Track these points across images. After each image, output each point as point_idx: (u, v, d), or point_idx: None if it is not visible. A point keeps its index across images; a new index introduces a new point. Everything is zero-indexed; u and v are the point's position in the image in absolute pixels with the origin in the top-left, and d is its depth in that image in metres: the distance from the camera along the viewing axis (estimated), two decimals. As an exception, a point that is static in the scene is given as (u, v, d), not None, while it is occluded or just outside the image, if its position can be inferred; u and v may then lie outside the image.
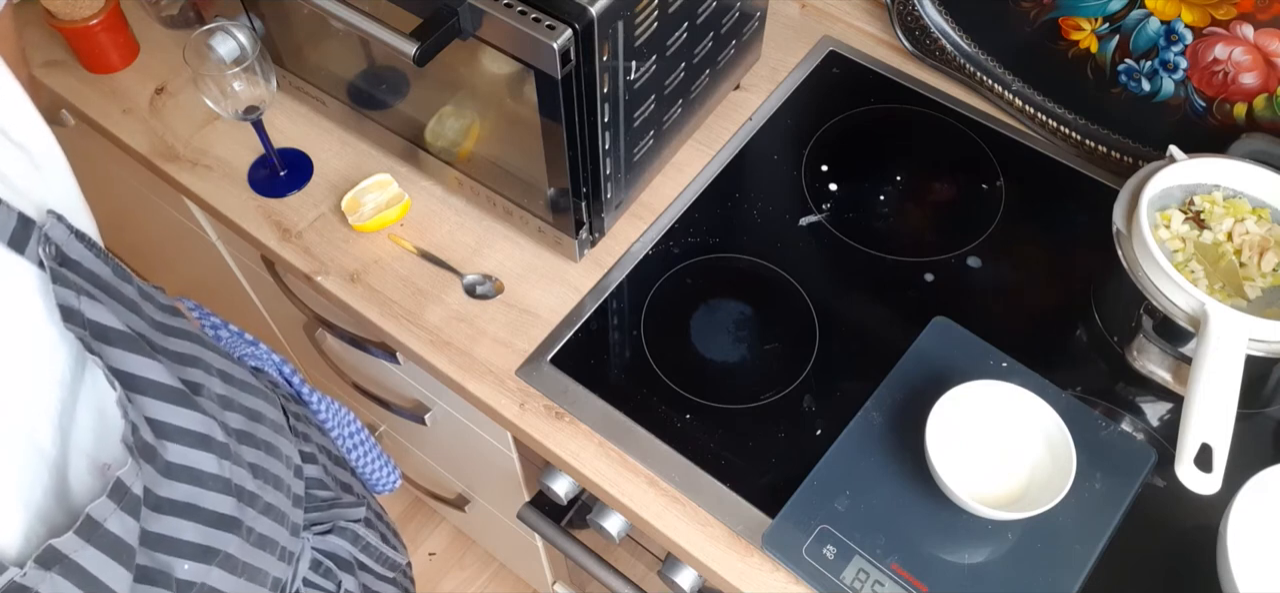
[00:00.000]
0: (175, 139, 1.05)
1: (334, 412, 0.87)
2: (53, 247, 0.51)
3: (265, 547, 0.62)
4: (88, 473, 0.54)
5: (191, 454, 0.56)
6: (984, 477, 0.78)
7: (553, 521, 0.98)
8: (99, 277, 0.54)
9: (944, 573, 0.75)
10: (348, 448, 0.89)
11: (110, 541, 0.50)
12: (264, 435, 0.66)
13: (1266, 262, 0.81)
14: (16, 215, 0.49)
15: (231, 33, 0.90)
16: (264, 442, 0.65)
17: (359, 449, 0.90)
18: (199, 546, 0.55)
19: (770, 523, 0.79)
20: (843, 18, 1.16)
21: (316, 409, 0.85)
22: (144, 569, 0.52)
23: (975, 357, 0.86)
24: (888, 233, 0.97)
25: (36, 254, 0.50)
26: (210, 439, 0.57)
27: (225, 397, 0.63)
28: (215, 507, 0.57)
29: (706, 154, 1.03)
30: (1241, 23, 0.86)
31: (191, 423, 0.56)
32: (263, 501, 0.62)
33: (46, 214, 0.52)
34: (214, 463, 0.57)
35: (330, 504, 0.78)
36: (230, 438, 0.59)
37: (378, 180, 0.98)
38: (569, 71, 0.75)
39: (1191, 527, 0.79)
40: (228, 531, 0.58)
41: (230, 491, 0.58)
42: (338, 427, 0.87)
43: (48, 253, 0.51)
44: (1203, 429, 0.72)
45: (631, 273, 0.95)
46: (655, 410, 0.86)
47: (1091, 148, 1.01)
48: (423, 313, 0.92)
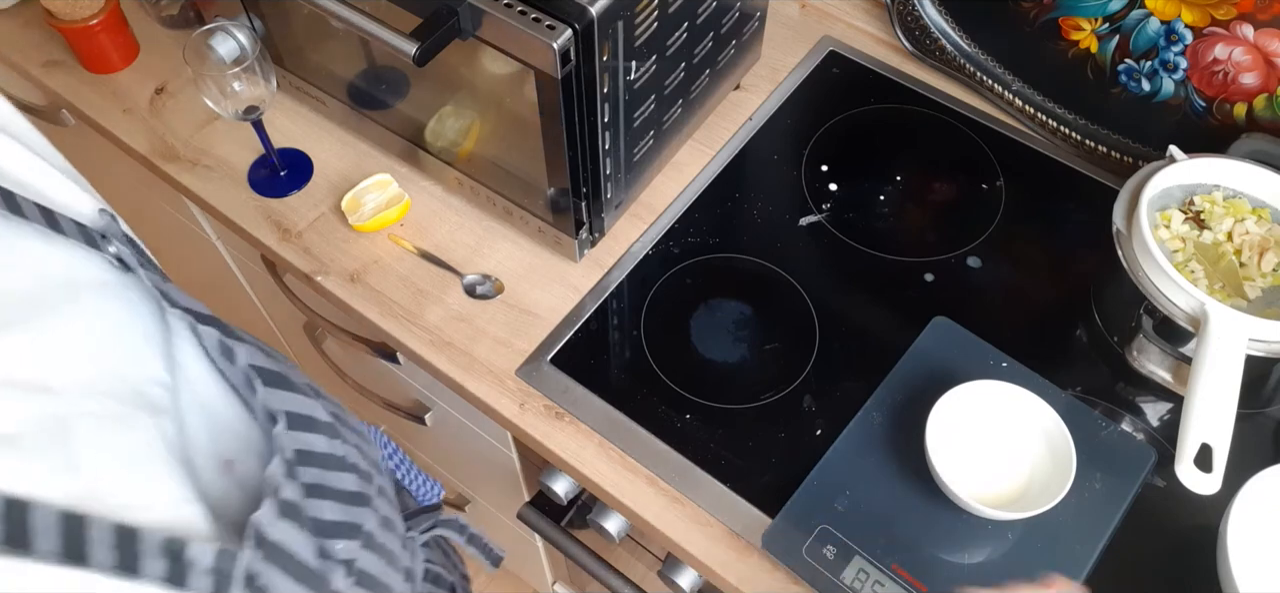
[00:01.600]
0: (175, 139, 1.05)
1: (370, 431, 0.86)
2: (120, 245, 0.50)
3: (392, 529, 0.61)
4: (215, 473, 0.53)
5: (306, 437, 0.54)
6: (984, 477, 0.78)
7: (553, 521, 0.98)
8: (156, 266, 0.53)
9: (944, 573, 0.75)
10: (393, 466, 0.88)
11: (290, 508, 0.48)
12: (353, 423, 0.65)
13: (1266, 262, 0.81)
14: (73, 223, 0.48)
15: (231, 33, 0.90)
16: (356, 428, 0.65)
17: (402, 467, 0.89)
18: (342, 523, 0.53)
19: (770, 523, 0.79)
20: (843, 18, 1.16)
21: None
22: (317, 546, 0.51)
23: (975, 357, 0.86)
24: (888, 233, 0.97)
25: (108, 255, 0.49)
26: (314, 420, 0.56)
27: (309, 384, 0.62)
28: (343, 485, 0.55)
29: (706, 154, 1.03)
30: (1241, 23, 0.86)
31: (296, 405, 0.54)
32: (376, 481, 0.61)
33: (99, 213, 0.51)
34: (326, 443, 0.56)
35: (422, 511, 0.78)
36: (333, 419, 0.58)
37: (378, 180, 0.98)
38: (569, 71, 0.75)
39: (1191, 527, 0.79)
40: (361, 506, 0.56)
41: (347, 467, 0.57)
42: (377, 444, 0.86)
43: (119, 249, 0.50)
44: (1203, 429, 0.72)
45: (631, 273, 0.95)
46: (655, 410, 0.86)
47: (1091, 148, 1.01)
48: (423, 313, 0.92)
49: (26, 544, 0.35)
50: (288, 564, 0.46)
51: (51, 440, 0.39)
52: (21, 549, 0.34)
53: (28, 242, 0.46)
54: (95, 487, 0.40)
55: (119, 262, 0.50)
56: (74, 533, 0.36)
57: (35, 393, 0.40)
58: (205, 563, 0.41)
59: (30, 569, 0.35)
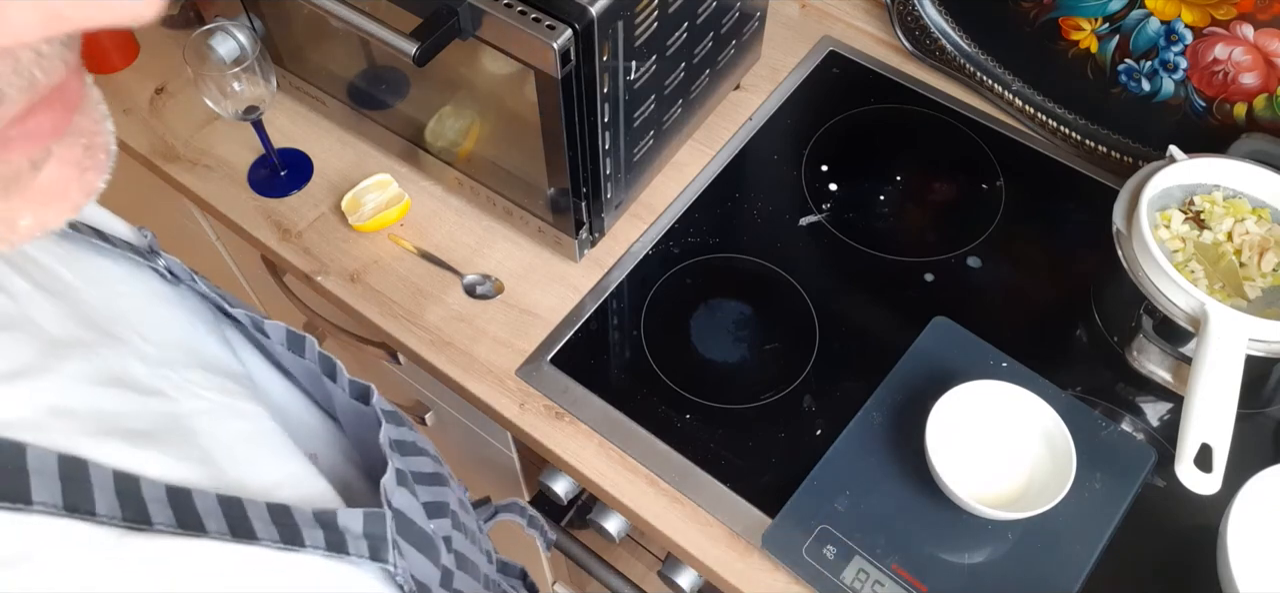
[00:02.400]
0: (175, 139, 1.05)
1: None
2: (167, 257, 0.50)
3: (468, 511, 0.62)
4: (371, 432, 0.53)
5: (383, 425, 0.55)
6: (984, 477, 0.78)
7: (553, 521, 0.98)
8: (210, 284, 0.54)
9: (944, 573, 0.75)
10: None
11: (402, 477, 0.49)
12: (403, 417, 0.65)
13: (1266, 262, 0.81)
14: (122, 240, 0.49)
15: (231, 33, 0.90)
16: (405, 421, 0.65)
17: None
18: (431, 502, 0.54)
19: (770, 523, 0.79)
20: (843, 18, 1.16)
21: None
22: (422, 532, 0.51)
23: (975, 357, 0.86)
24: (888, 233, 0.97)
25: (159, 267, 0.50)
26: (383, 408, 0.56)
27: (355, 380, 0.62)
28: (419, 467, 0.56)
29: (706, 154, 1.03)
30: (1241, 23, 0.86)
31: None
32: (444, 466, 0.62)
33: (140, 232, 0.52)
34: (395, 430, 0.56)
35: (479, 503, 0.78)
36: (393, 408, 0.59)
37: (378, 180, 0.98)
38: (569, 71, 0.75)
39: (1191, 527, 0.79)
40: (441, 486, 0.57)
41: (417, 450, 0.57)
42: None
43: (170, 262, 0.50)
44: (1203, 429, 0.72)
45: (631, 273, 0.95)
46: (655, 410, 0.86)
47: (1091, 148, 1.01)
48: (423, 313, 0.92)
49: (199, 526, 0.35)
50: (410, 531, 0.46)
51: (183, 438, 0.40)
52: (195, 530, 0.35)
53: (94, 257, 0.47)
54: (234, 474, 0.40)
55: (170, 273, 0.50)
56: (236, 513, 0.37)
57: (152, 395, 0.41)
58: (356, 529, 0.41)
59: (204, 548, 0.35)
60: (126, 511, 0.34)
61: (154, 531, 0.34)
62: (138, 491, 0.34)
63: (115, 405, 0.38)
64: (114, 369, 0.40)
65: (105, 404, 0.38)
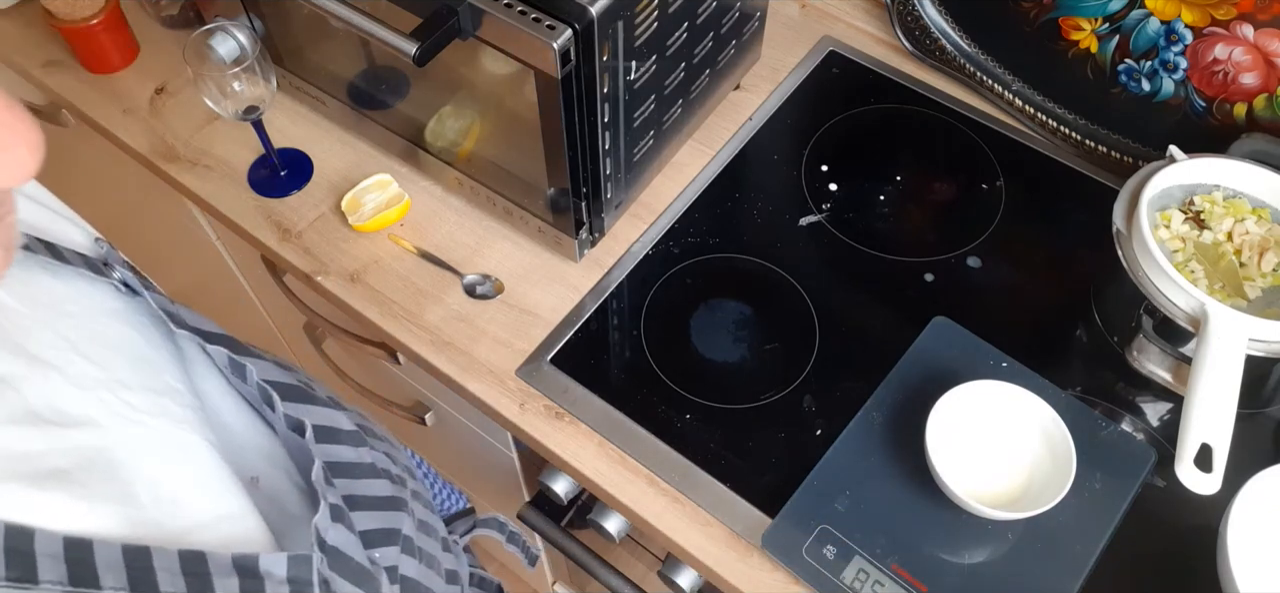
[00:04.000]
0: (175, 139, 1.05)
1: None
2: (123, 270, 0.50)
3: (430, 533, 0.61)
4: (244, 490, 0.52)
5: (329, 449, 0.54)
6: (984, 477, 0.78)
7: (553, 521, 0.98)
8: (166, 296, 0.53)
9: (944, 573, 0.75)
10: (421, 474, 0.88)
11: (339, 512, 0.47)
12: (379, 432, 0.65)
13: (1266, 262, 0.81)
14: (76, 254, 0.48)
15: (231, 33, 0.90)
16: (380, 437, 0.64)
17: (425, 479, 0.89)
18: (379, 530, 0.53)
19: (770, 523, 0.79)
20: (843, 18, 1.16)
21: None
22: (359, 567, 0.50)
23: (975, 357, 0.86)
24: (888, 233, 0.97)
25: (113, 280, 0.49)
26: (338, 431, 0.55)
27: (331, 396, 0.61)
28: (376, 491, 0.55)
29: (706, 154, 1.03)
30: (1241, 23, 0.86)
31: (319, 418, 0.54)
32: (409, 486, 0.61)
33: (96, 242, 0.51)
34: (351, 453, 0.55)
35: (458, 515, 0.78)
36: (355, 428, 0.58)
37: (378, 180, 0.98)
38: (569, 71, 0.75)
39: (1191, 527, 0.79)
40: (396, 510, 0.56)
41: (377, 474, 0.56)
42: None
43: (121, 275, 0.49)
44: (1203, 429, 0.72)
45: (631, 273, 0.95)
46: (655, 410, 0.86)
47: (1091, 148, 1.01)
48: (423, 313, 0.92)
49: (94, 582, 0.34)
50: (346, 567, 0.45)
51: (103, 473, 0.39)
52: (89, 586, 0.34)
53: (41, 278, 0.46)
54: (154, 513, 0.39)
55: (125, 286, 0.49)
56: (140, 564, 0.36)
57: (80, 426, 0.40)
58: (279, 573, 0.40)
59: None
60: (11, 568, 0.32)
61: (39, 588, 0.33)
62: (30, 545, 0.33)
63: (28, 445, 0.37)
64: (36, 404, 0.39)
65: (16, 445, 0.37)
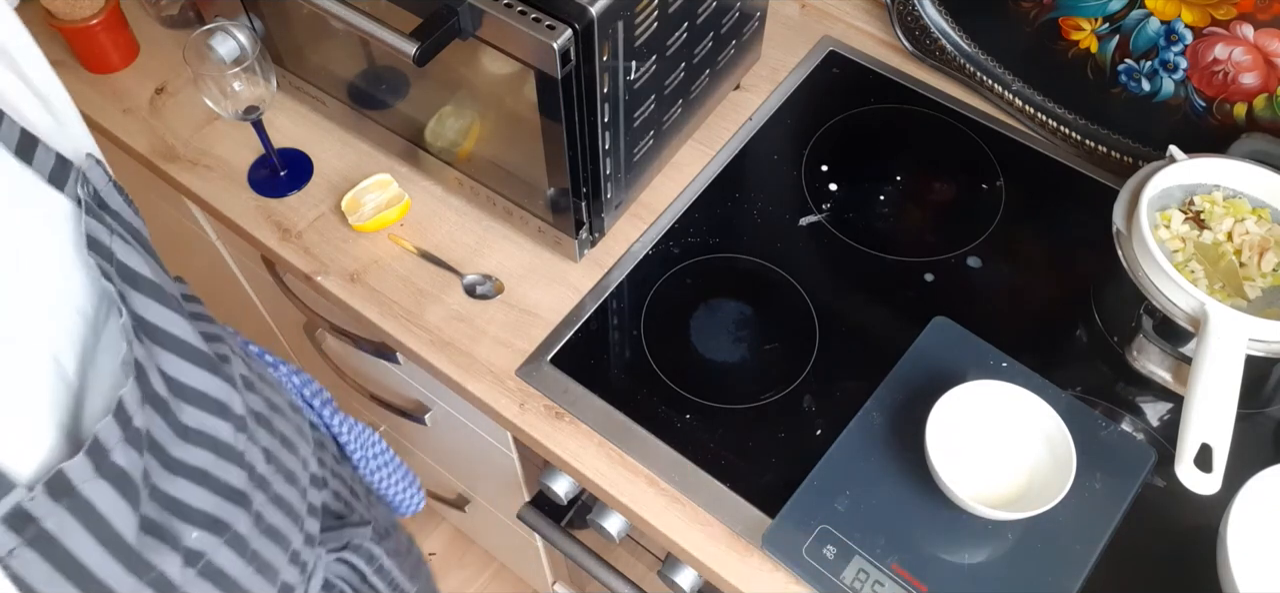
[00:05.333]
0: (175, 139, 1.05)
1: (357, 434, 0.85)
2: (91, 187, 0.51)
3: (276, 540, 0.61)
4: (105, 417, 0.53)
5: (208, 420, 0.54)
6: (984, 477, 0.78)
7: (553, 521, 0.98)
8: (133, 227, 0.54)
9: (944, 573, 0.75)
10: (371, 469, 0.87)
11: (117, 473, 0.48)
12: (281, 427, 0.65)
13: (1266, 262, 0.81)
14: (55, 155, 0.50)
15: (231, 33, 0.90)
16: (280, 433, 0.64)
17: (382, 471, 0.88)
18: (210, 515, 0.54)
19: (770, 523, 0.79)
20: (843, 18, 1.16)
21: (338, 432, 0.84)
22: (153, 523, 0.51)
23: (975, 357, 0.86)
24: (888, 233, 0.97)
25: (75, 192, 0.51)
26: (227, 408, 0.56)
27: (247, 377, 0.62)
28: (227, 478, 0.55)
29: (706, 154, 1.03)
30: (1241, 23, 0.86)
31: (211, 388, 0.55)
32: (274, 489, 0.61)
33: (86, 157, 0.52)
34: (230, 433, 0.55)
35: (343, 524, 0.77)
36: (247, 415, 0.58)
37: (378, 180, 0.98)
38: (569, 71, 0.75)
39: (1191, 527, 0.79)
40: (238, 506, 0.56)
41: (242, 465, 0.57)
42: (361, 449, 0.85)
43: (87, 192, 0.51)
44: (1203, 429, 0.72)
45: (631, 273, 0.95)
46: (655, 410, 0.86)
47: (1091, 148, 1.01)
48: (423, 313, 0.92)
49: None
50: (95, 524, 0.46)
51: None
52: None
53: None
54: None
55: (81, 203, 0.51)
56: None
57: None
58: None
59: None
60: None
61: None
62: None
63: None
64: None
65: None
